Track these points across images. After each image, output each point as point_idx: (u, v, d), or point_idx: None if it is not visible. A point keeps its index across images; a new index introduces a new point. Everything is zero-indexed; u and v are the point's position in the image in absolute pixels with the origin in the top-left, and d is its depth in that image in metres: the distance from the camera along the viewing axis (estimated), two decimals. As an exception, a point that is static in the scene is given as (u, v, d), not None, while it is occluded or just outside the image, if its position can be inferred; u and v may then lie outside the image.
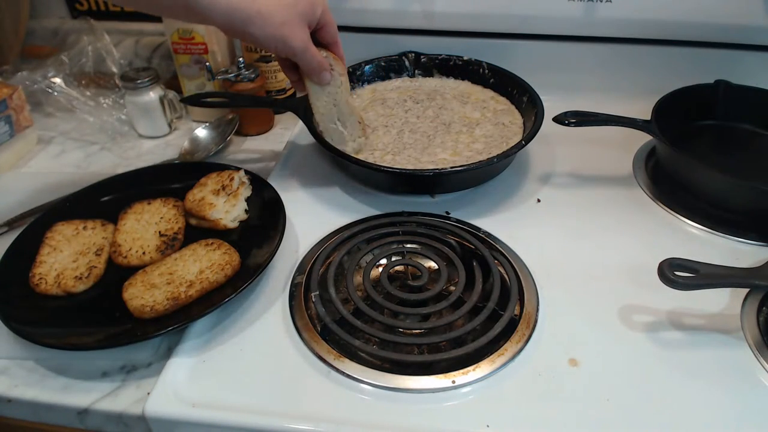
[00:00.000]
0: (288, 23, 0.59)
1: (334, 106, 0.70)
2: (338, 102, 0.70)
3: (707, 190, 0.69)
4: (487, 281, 0.60)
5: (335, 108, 0.70)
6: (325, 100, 0.69)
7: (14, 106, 0.83)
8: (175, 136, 0.91)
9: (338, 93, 0.69)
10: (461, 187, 0.74)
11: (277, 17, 0.57)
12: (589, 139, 0.80)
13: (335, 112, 0.70)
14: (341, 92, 0.69)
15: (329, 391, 0.51)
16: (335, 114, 0.71)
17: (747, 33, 0.83)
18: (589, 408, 0.49)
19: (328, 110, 0.70)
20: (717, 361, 0.53)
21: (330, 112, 0.70)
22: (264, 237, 0.64)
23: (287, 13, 0.58)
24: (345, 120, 0.71)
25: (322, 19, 0.62)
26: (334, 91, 0.69)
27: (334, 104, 0.70)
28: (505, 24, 0.88)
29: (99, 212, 0.70)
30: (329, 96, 0.69)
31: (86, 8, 1.06)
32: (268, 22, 0.57)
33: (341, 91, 0.69)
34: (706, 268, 0.53)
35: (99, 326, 0.57)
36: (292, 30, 0.59)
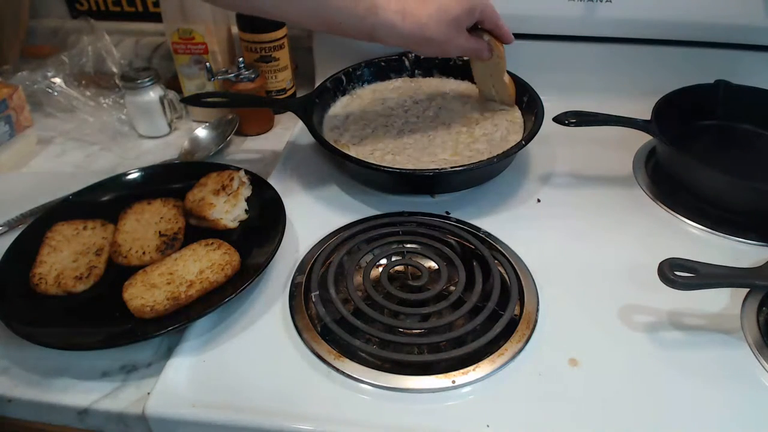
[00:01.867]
0: (449, 41, 0.68)
1: (490, 77, 0.80)
2: (494, 75, 0.80)
3: (707, 190, 0.69)
4: (487, 281, 0.60)
5: (491, 78, 0.81)
6: (483, 71, 0.81)
7: (14, 106, 0.83)
8: (175, 136, 0.91)
9: (495, 69, 0.78)
10: (461, 187, 0.74)
11: (441, 38, 0.67)
12: (589, 139, 0.80)
13: (490, 82, 0.81)
14: (497, 69, 0.78)
15: (329, 391, 0.51)
16: (490, 83, 0.81)
17: (747, 33, 0.83)
18: (589, 408, 0.49)
19: (485, 79, 0.82)
20: (717, 361, 0.53)
21: (486, 81, 0.82)
22: (264, 237, 0.64)
23: (450, 33, 0.67)
24: (499, 89, 0.82)
25: (481, 16, 0.70)
26: (492, 67, 0.78)
27: (490, 75, 0.80)
28: (505, 24, 0.88)
29: (99, 212, 0.70)
30: (487, 69, 0.79)
31: (86, 8, 1.06)
32: (434, 46, 0.68)
33: (498, 68, 0.78)
34: (706, 268, 0.53)
35: (99, 326, 0.57)
36: (451, 45, 0.69)
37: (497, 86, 0.81)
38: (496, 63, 0.76)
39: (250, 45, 0.87)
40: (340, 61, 0.89)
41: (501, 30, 0.73)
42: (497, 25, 0.72)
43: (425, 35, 0.65)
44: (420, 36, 0.65)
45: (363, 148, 0.76)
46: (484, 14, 0.70)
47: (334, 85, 0.85)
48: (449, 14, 0.66)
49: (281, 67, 0.90)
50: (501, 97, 0.82)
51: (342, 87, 0.86)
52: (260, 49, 0.87)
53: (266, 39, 0.87)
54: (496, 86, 0.81)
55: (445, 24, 0.66)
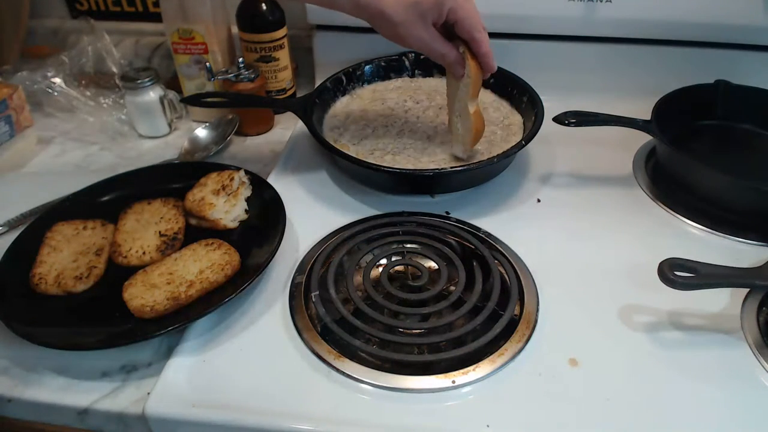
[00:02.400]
0: (405, 23, 0.62)
1: (458, 101, 0.69)
2: (460, 98, 0.69)
3: (707, 190, 0.69)
4: (487, 281, 0.60)
5: (458, 103, 0.69)
6: (453, 89, 0.70)
7: (14, 106, 0.83)
8: (175, 136, 0.91)
9: (463, 92, 0.68)
10: (461, 187, 0.74)
11: (396, 17, 0.61)
12: (589, 139, 0.80)
13: (457, 107, 0.70)
14: (464, 93, 0.68)
15: (329, 391, 0.51)
16: (457, 108, 0.70)
17: (747, 33, 0.83)
18: (589, 408, 0.49)
19: (453, 101, 0.70)
20: (717, 361, 0.53)
21: (453, 104, 0.70)
22: (264, 237, 0.64)
23: (408, 17, 0.61)
24: (463, 119, 0.70)
25: (453, 16, 0.62)
26: (462, 88, 0.68)
27: (458, 99, 0.69)
28: (505, 24, 0.88)
29: (99, 212, 0.70)
30: (455, 88, 0.69)
31: (86, 8, 1.06)
32: (388, 23, 0.62)
33: (465, 92, 0.68)
34: (706, 268, 0.53)
35: (99, 326, 0.57)
36: (408, 30, 0.62)
37: (461, 115, 0.69)
38: (465, 84, 0.67)
39: (250, 45, 0.87)
40: (340, 61, 0.89)
41: (478, 47, 0.64)
42: (473, 37, 0.63)
43: (380, 8, 0.61)
44: (375, 8, 0.61)
45: (363, 148, 0.76)
46: (456, 15, 0.62)
47: (334, 85, 0.85)
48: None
49: (281, 67, 0.90)
50: (463, 129, 0.70)
51: (342, 87, 0.86)
52: (260, 49, 0.87)
53: (266, 39, 0.87)
54: (461, 115, 0.69)
55: (404, 5, 0.61)
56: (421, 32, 0.63)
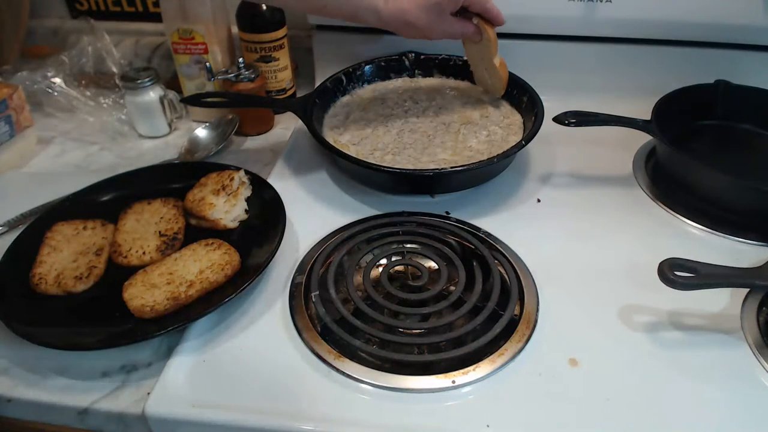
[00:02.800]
0: (429, 25, 0.69)
1: (482, 60, 0.80)
2: (485, 57, 0.79)
3: (707, 190, 0.69)
4: (487, 281, 0.60)
5: (482, 62, 0.80)
6: (475, 53, 0.80)
7: (14, 106, 0.83)
8: (175, 136, 0.91)
9: (486, 52, 0.78)
10: (461, 187, 0.74)
11: (420, 23, 0.69)
12: (589, 139, 0.80)
13: (482, 65, 0.81)
14: (487, 51, 0.77)
15: (329, 391, 0.51)
16: (482, 66, 0.81)
17: (747, 33, 0.83)
18: (589, 408, 0.49)
19: (478, 62, 0.82)
20: (717, 361, 0.53)
21: (478, 64, 0.82)
22: (264, 237, 0.64)
23: (431, 18, 0.69)
24: (490, 73, 0.81)
25: (466, 2, 0.70)
26: (483, 50, 0.78)
27: (481, 58, 0.80)
28: (505, 24, 0.88)
29: (99, 212, 0.70)
30: (479, 52, 0.79)
31: (86, 8, 1.06)
32: (414, 29, 0.70)
33: (487, 51, 0.77)
34: (706, 268, 0.53)
35: (99, 326, 0.57)
36: (431, 30, 0.70)
37: (489, 70, 0.81)
38: (486, 45, 0.76)
39: (250, 45, 0.87)
40: (340, 61, 0.89)
41: (490, 13, 0.73)
42: (485, 8, 0.72)
43: (406, 19, 0.68)
44: (401, 20, 0.68)
45: (363, 148, 0.76)
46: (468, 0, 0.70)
47: (334, 85, 0.85)
48: (429, 0, 0.67)
49: (281, 67, 0.90)
50: (493, 80, 0.83)
51: (342, 87, 0.86)
52: (260, 49, 0.87)
53: (266, 39, 0.87)
54: (488, 70, 0.81)
55: (425, 9, 0.68)
56: (444, 26, 0.71)
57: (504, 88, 0.83)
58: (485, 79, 0.83)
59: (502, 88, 0.82)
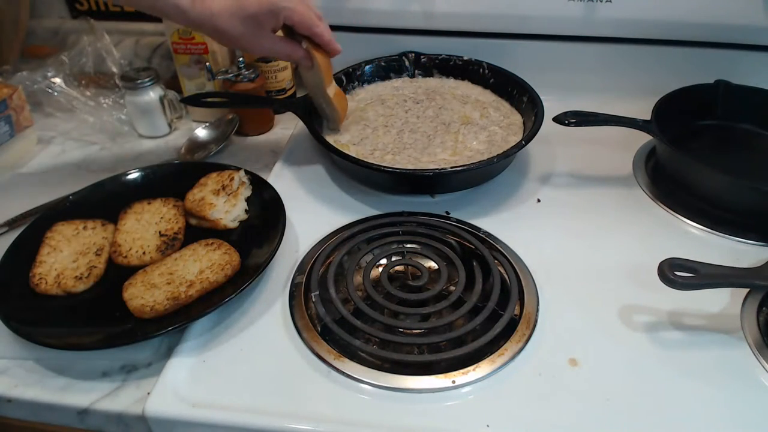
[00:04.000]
0: (244, 36, 0.64)
1: (317, 88, 0.74)
2: (318, 87, 0.74)
3: (707, 190, 0.69)
4: (487, 281, 0.60)
5: (318, 90, 0.75)
6: (308, 80, 0.75)
7: (14, 106, 0.83)
8: (175, 136, 0.91)
9: (316, 78, 0.72)
10: (461, 187, 0.74)
11: (233, 31, 0.63)
12: (589, 139, 0.80)
13: (318, 94, 0.75)
14: (317, 79, 0.72)
15: (329, 391, 0.51)
16: (318, 95, 0.76)
17: (747, 33, 0.83)
18: (589, 408, 0.49)
19: (314, 90, 0.76)
20: (717, 361, 0.53)
21: (315, 93, 0.76)
22: (264, 237, 0.64)
23: (246, 30, 0.63)
24: (326, 103, 0.76)
25: (289, 21, 0.65)
26: (315, 77, 0.72)
27: (316, 86, 0.74)
28: (505, 24, 0.88)
29: (99, 212, 0.69)
30: (311, 78, 0.74)
31: (86, 8, 1.06)
32: (226, 37, 0.64)
33: (318, 78, 0.72)
34: (706, 268, 0.53)
35: (99, 326, 0.57)
36: (248, 41, 0.65)
37: (324, 100, 0.75)
38: (316, 74, 0.71)
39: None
40: (340, 61, 0.89)
41: (320, 38, 0.67)
42: (313, 32, 0.66)
43: (216, 26, 0.62)
44: (210, 26, 0.62)
45: (363, 148, 0.76)
46: (292, 19, 0.64)
47: (333, 85, 0.85)
48: (245, 10, 0.62)
49: (281, 67, 0.90)
50: (329, 112, 0.77)
51: (342, 87, 0.86)
52: (260, 49, 0.87)
53: (266, 39, 0.86)
54: (323, 99, 0.75)
55: (239, 19, 0.62)
56: (262, 41, 0.65)
57: (341, 120, 0.77)
58: (323, 109, 0.77)
59: (339, 120, 0.77)
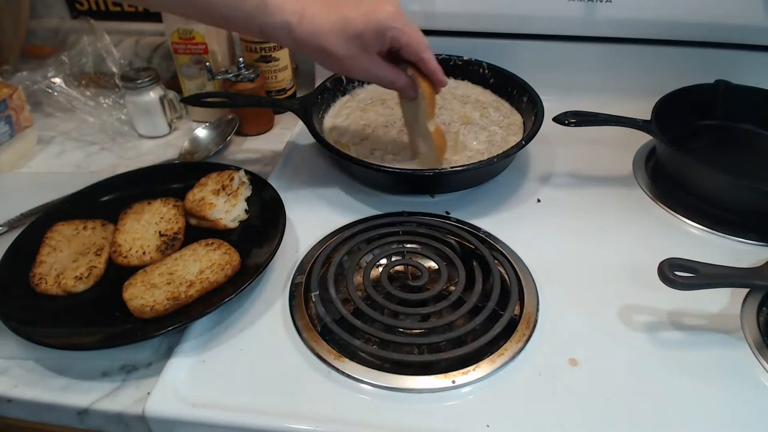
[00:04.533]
0: (348, 57, 0.60)
1: (416, 121, 0.68)
2: (419, 120, 0.68)
3: (707, 190, 0.69)
4: (487, 281, 0.60)
5: (417, 125, 0.69)
6: (408, 112, 0.69)
7: (14, 106, 0.83)
8: (175, 136, 0.91)
9: (418, 111, 0.67)
10: (461, 187, 0.74)
11: (339, 52, 0.59)
12: (589, 139, 0.80)
13: (417, 128, 0.69)
14: (420, 112, 0.66)
15: (329, 391, 0.51)
16: (417, 129, 0.69)
17: (747, 33, 0.83)
18: (589, 408, 0.49)
19: (412, 122, 0.70)
20: (717, 361, 0.53)
21: (412, 126, 0.70)
22: (264, 237, 0.64)
23: (351, 50, 0.59)
24: (425, 139, 0.69)
25: (397, 43, 0.60)
26: (417, 110, 0.67)
27: (416, 120, 0.68)
28: (505, 24, 0.88)
29: (99, 212, 0.69)
30: (411, 110, 0.68)
31: (86, 8, 1.06)
32: (330, 58, 0.60)
33: (421, 112, 0.66)
34: (706, 268, 0.53)
35: (99, 326, 0.57)
36: (352, 64, 0.61)
37: (423, 135, 0.68)
38: (419, 105, 0.65)
39: (250, 45, 0.87)
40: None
41: (427, 66, 0.62)
42: (421, 58, 0.62)
43: (322, 45, 0.59)
44: (317, 45, 0.59)
45: (363, 148, 0.76)
46: (399, 41, 0.60)
47: (334, 85, 0.85)
48: (352, 28, 0.58)
49: (281, 67, 0.90)
50: (427, 148, 0.69)
51: (342, 87, 0.86)
52: (260, 49, 0.87)
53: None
54: (422, 135, 0.68)
55: (345, 38, 0.58)
56: (367, 63, 0.61)
57: (439, 160, 0.69)
58: (417, 144, 0.70)
59: (436, 159, 0.69)
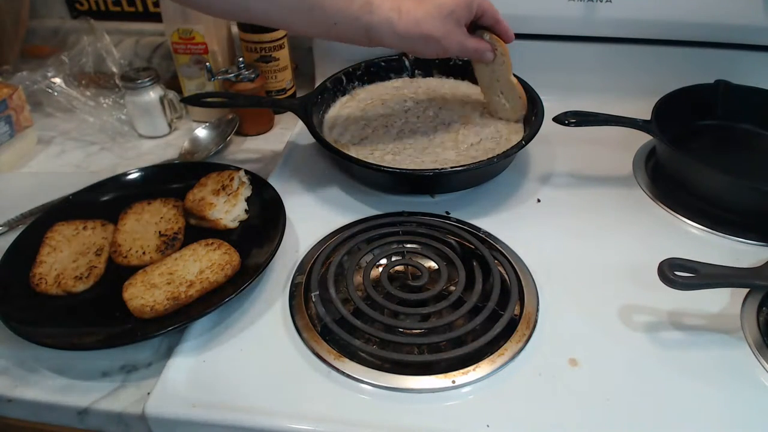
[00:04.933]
0: (448, 36, 0.66)
1: (497, 81, 0.76)
2: (500, 77, 0.75)
3: (707, 190, 0.69)
4: (487, 281, 0.60)
5: (498, 83, 0.76)
6: (488, 75, 0.76)
7: (14, 106, 0.83)
8: (175, 136, 0.91)
9: (501, 69, 0.74)
10: (461, 187, 0.74)
11: (439, 33, 0.65)
12: (589, 139, 0.80)
13: (498, 87, 0.77)
14: (504, 69, 0.74)
15: (329, 391, 0.51)
16: (498, 88, 0.77)
17: (747, 33, 0.83)
18: (589, 408, 0.49)
19: (492, 84, 0.77)
20: (717, 361, 0.53)
21: (493, 86, 0.77)
22: (264, 237, 0.64)
23: (447, 27, 0.66)
24: (507, 94, 0.77)
25: (479, 10, 0.68)
26: (497, 68, 0.74)
27: (497, 79, 0.76)
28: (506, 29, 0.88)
29: (99, 212, 0.70)
30: (492, 72, 0.75)
31: (86, 8, 1.06)
32: (433, 43, 0.66)
33: (504, 68, 0.74)
34: (706, 268, 0.53)
35: (99, 326, 0.57)
36: (449, 41, 0.67)
37: (505, 91, 0.77)
38: (501, 63, 0.74)
39: (250, 45, 0.87)
40: (340, 61, 0.89)
41: (501, 26, 0.71)
42: (497, 20, 0.70)
43: (422, 31, 0.65)
44: (417, 33, 0.65)
45: (363, 148, 0.76)
46: (482, 8, 0.68)
47: (334, 85, 0.85)
48: (445, 8, 0.65)
49: (281, 67, 0.90)
50: (511, 102, 0.77)
51: (342, 87, 0.86)
52: (260, 49, 0.87)
53: (266, 39, 0.87)
54: (504, 91, 0.77)
55: (440, 19, 0.65)
56: (460, 37, 0.68)
57: (525, 107, 0.77)
58: (500, 103, 0.78)
59: (524, 107, 0.77)
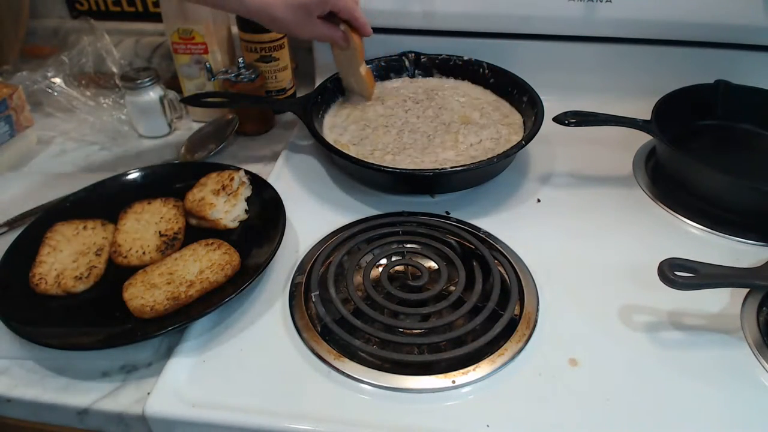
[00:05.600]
0: (295, 23, 0.70)
1: (349, 66, 0.82)
2: (352, 65, 0.81)
3: (707, 190, 0.69)
4: (487, 281, 0.60)
5: (351, 69, 0.82)
6: (343, 60, 0.81)
7: (14, 106, 0.83)
8: (175, 136, 0.91)
9: (352, 58, 0.80)
10: (461, 187, 0.74)
11: (288, 20, 0.70)
12: (589, 139, 0.80)
13: (350, 72, 0.82)
14: (354, 59, 0.80)
15: (329, 391, 0.51)
16: (351, 73, 0.83)
17: (747, 33, 0.83)
18: (589, 408, 0.49)
19: (345, 69, 0.83)
20: (717, 361, 0.53)
21: (346, 71, 0.83)
22: (264, 237, 0.64)
23: (298, 18, 0.70)
24: (357, 80, 0.83)
25: (334, 8, 0.72)
26: (349, 56, 0.80)
27: (349, 65, 0.81)
28: (505, 24, 0.88)
29: (99, 212, 0.69)
30: (345, 58, 0.81)
31: (86, 8, 1.06)
32: (280, 25, 0.71)
33: (354, 58, 0.79)
34: (706, 268, 0.53)
35: (99, 326, 0.57)
36: (300, 30, 0.72)
37: (355, 78, 0.83)
38: (352, 53, 0.78)
39: (250, 45, 0.87)
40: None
41: (357, 22, 0.75)
42: (353, 16, 0.74)
43: (271, 14, 0.69)
44: (266, 14, 0.69)
45: (363, 148, 0.76)
46: (337, 6, 0.72)
47: (334, 85, 0.86)
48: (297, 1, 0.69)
49: (281, 67, 0.90)
50: (359, 88, 0.84)
51: (342, 87, 0.86)
52: (260, 49, 0.87)
53: (266, 39, 0.86)
54: (355, 78, 0.83)
55: (292, 9, 0.69)
56: (310, 26, 0.72)
57: (371, 94, 0.85)
58: (352, 86, 0.85)
59: (369, 93, 0.84)
